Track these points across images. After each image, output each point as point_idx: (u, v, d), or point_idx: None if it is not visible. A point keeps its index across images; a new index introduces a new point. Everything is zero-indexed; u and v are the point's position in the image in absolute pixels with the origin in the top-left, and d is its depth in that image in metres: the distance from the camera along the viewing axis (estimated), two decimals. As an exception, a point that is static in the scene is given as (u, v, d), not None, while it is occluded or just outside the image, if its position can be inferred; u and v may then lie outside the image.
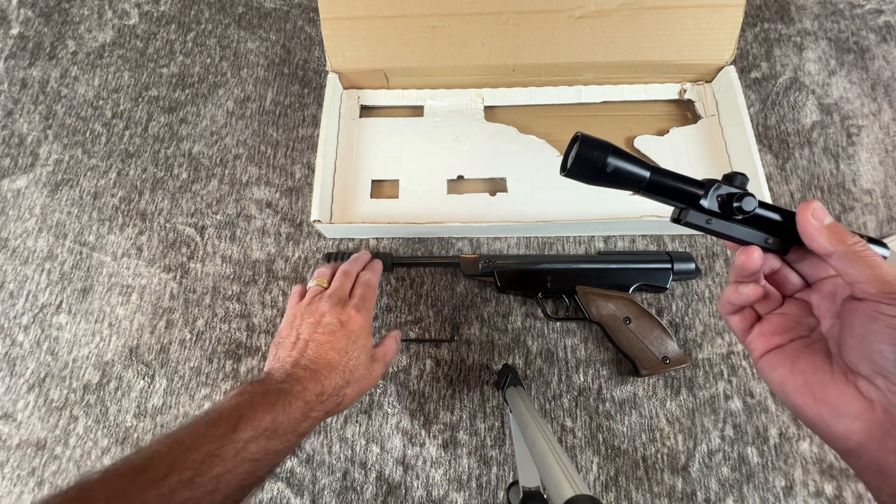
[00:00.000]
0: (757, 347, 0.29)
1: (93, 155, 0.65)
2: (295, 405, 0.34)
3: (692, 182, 0.27)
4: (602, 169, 0.27)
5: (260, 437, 0.31)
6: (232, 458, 0.29)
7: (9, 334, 0.56)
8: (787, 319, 0.29)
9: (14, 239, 0.61)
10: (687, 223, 0.28)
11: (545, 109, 0.65)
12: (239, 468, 0.29)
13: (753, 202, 0.26)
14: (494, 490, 0.49)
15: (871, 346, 0.23)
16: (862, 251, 0.24)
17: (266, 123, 0.66)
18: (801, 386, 0.26)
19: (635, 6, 0.57)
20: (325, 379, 0.37)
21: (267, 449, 0.31)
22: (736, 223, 0.27)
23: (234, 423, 0.31)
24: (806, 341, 0.28)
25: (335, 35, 0.59)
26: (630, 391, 0.52)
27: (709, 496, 0.48)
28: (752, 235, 0.27)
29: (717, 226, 0.27)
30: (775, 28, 0.70)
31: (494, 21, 0.58)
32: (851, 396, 0.24)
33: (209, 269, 0.58)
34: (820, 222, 0.25)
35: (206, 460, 0.28)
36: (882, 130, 0.63)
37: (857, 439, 0.24)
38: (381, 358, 0.42)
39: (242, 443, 0.30)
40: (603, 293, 0.52)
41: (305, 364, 0.38)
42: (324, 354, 0.38)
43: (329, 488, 0.49)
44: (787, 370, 0.27)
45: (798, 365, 0.27)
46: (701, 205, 0.27)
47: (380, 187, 0.61)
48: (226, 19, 0.73)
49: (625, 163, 0.27)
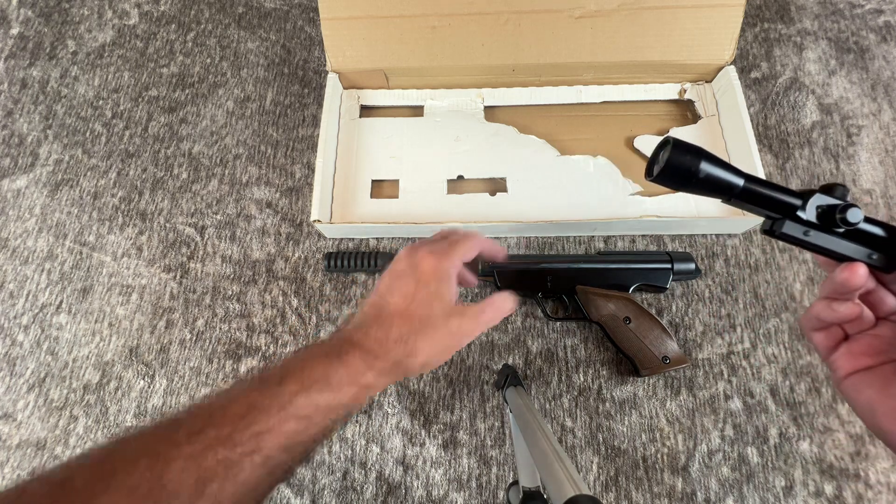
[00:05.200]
0: (842, 367, 0.28)
1: (93, 155, 0.65)
2: (353, 353, 0.31)
3: (789, 192, 0.26)
4: (694, 175, 0.25)
5: (310, 390, 0.28)
6: (276, 412, 0.26)
7: (9, 334, 0.56)
8: (881, 341, 0.27)
9: (14, 239, 0.61)
10: (782, 235, 0.26)
11: (545, 109, 0.65)
12: (284, 426, 0.26)
13: (859, 214, 0.24)
14: (494, 490, 0.49)
15: None
16: None
17: (266, 123, 0.66)
18: (892, 409, 0.25)
19: (635, 6, 0.57)
20: (389, 325, 0.33)
21: (317, 404, 0.28)
22: (837, 236, 0.26)
23: (280, 378, 0.28)
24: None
25: (335, 35, 0.59)
26: (630, 391, 0.52)
27: (709, 496, 0.48)
28: (855, 251, 0.26)
29: (816, 238, 0.26)
30: (775, 28, 0.69)
31: (494, 21, 0.58)
32: None
33: (209, 269, 0.58)
34: None
35: (247, 414, 0.25)
36: (882, 130, 0.63)
37: None
38: (471, 314, 0.35)
39: (288, 395, 0.27)
40: (603, 293, 0.52)
41: (368, 311, 0.34)
42: (388, 298, 0.34)
43: (329, 488, 0.49)
44: (875, 392, 0.26)
45: (890, 389, 0.25)
46: (798, 216, 0.25)
47: (380, 187, 0.61)
48: (226, 19, 0.73)
49: (718, 169, 0.26)
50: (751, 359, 0.53)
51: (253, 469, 0.24)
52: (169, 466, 0.22)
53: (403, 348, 0.32)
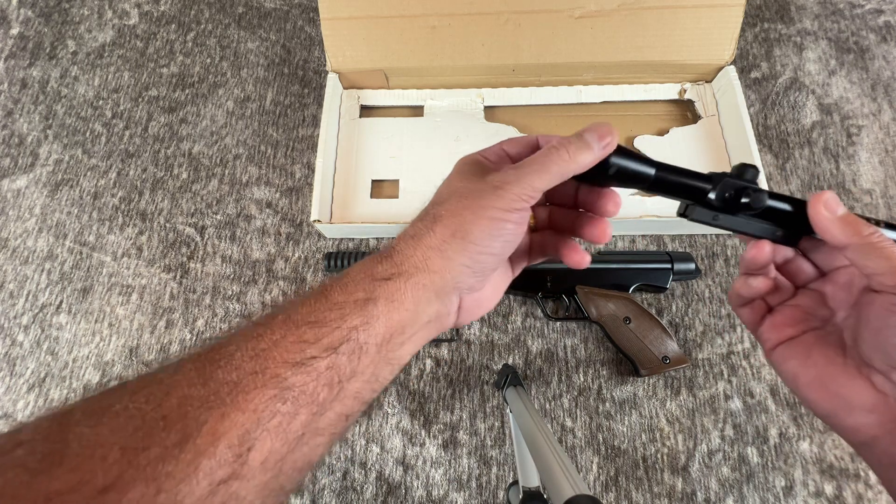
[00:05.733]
0: (769, 339, 0.28)
1: (93, 155, 0.65)
2: (373, 256, 0.25)
3: (699, 177, 0.26)
4: (606, 169, 0.26)
5: (317, 298, 0.23)
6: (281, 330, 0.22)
7: (9, 334, 0.56)
8: (800, 311, 0.28)
9: (14, 239, 0.61)
10: (694, 219, 0.27)
11: (545, 109, 0.65)
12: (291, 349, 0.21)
13: (763, 200, 0.25)
14: (494, 490, 0.49)
15: (888, 341, 0.23)
16: (879, 242, 0.23)
17: (266, 123, 0.66)
18: (813, 379, 0.25)
19: (635, 6, 0.57)
20: (422, 215, 0.27)
21: (324, 321, 0.22)
22: (745, 217, 0.26)
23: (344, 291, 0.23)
24: (819, 333, 0.27)
25: (335, 35, 0.59)
26: (630, 391, 0.52)
27: (709, 496, 0.48)
28: (761, 229, 0.27)
29: (724, 221, 0.27)
30: (775, 28, 0.69)
31: (494, 21, 0.58)
32: (865, 390, 0.23)
33: (209, 269, 0.58)
34: (833, 214, 0.24)
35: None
36: (882, 130, 0.63)
37: (870, 433, 0.23)
38: (502, 183, 0.25)
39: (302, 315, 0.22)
40: (603, 293, 0.52)
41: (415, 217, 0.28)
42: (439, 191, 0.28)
43: (329, 488, 0.49)
44: (799, 362, 0.26)
45: (811, 357, 0.26)
46: (708, 200, 0.26)
47: (380, 187, 0.61)
48: (226, 19, 0.73)
49: (628, 161, 0.26)
50: (751, 359, 0.53)
51: (259, 393, 0.20)
52: (168, 395, 0.19)
53: (432, 220, 0.26)
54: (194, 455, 0.18)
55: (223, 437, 0.18)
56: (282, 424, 0.20)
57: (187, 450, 0.18)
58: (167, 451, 0.17)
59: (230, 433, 0.19)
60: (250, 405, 0.19)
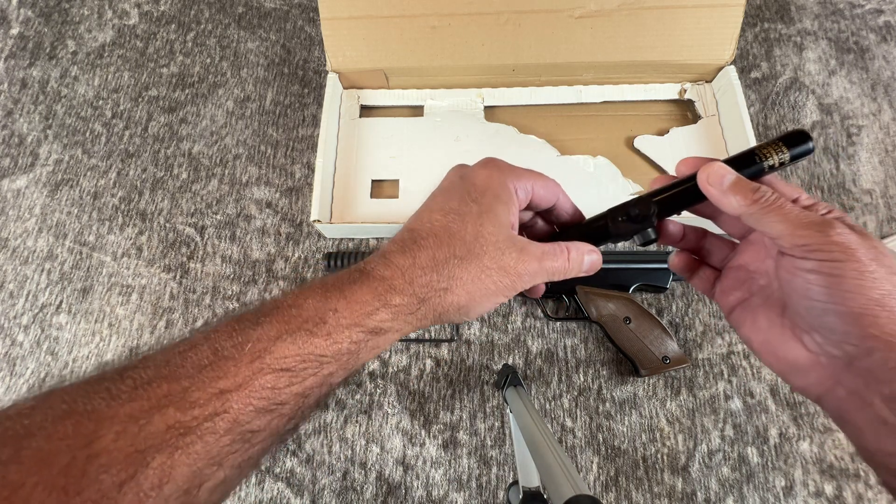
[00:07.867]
0: (723, 304, 0.28)
1: (93, 155, 0.65)
2: (362, 284, 0.23)
3: (596, 219, 0.31)
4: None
5: (296, 333, 0.21)
6: (248, 363, 0.20)
7: (9, 334, 0.56)
8: (742, 272, 0.27)
9: (14, 239, 0.61)
10: (643, 244, 0.29)
11: (545, 109, 0.65)
12: (257, 380, 0.20)
13: (649, 220, 0.27)
14: (494, 490, 0.49)
15: (799, 303, 0.22)
16: (771, 205, 0.22)
17: (266, 123, 0.66)
18: (762, 342, 0.25)
19: (635, 6, 0.57)
20: (419, 248, 0.24)
21: (304, 353, 0.21)
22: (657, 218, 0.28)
23: (257, 318, 0.21)
24: (763, 295, 0.26)
25: (335, 35, 0.59)
26: (630, 391, 0.52)
27: (709, 496, 0.48)
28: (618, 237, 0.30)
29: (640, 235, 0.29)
30: (775, 28, 0.69)
31: (494, 21, 0.58)
32: (800, 351, 0.23)
33: (209, 269, 0.58)
34: (719, 187, 0.23)
35: (210, 364, 0.19)
36: (882, 130, 0.63)
37: (815, 391, 0.23)
38: (534, 251, 0.26)
39: (266, 340, 0.20)
40: (603, 293, 0.52)
41: (398, 235, 0.26)
42: (426, 217, 0.26)
43: (329, 488, 0.49)
44: (749, 326, 0.26)
45: (758, 321, 0.25)
46: (613, 232, 0.30)
47: (380, 187, 0.61)
48: (226, 19, 0.73)
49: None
50: (751, 359, 0.53)
51: (215, 439, 0.18)
52: (101, 429, 0.16)
53: (435, 279, 0.24)
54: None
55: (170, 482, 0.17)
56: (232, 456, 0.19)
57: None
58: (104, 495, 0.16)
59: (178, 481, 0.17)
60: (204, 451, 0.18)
